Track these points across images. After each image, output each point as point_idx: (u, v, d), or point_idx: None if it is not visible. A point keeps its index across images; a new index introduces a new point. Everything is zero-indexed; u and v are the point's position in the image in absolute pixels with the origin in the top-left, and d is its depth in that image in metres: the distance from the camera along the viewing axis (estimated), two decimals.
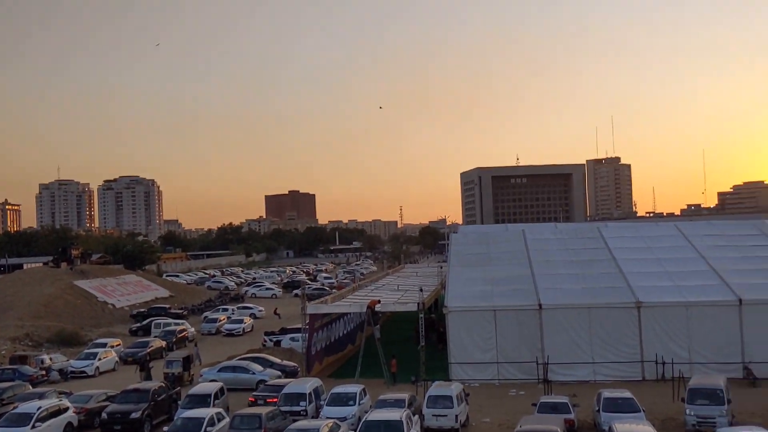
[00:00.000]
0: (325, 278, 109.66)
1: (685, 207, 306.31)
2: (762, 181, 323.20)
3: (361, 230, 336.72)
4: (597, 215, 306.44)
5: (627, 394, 28.18)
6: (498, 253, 48.64)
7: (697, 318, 38.31)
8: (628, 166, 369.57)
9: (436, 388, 30.08)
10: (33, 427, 27.75)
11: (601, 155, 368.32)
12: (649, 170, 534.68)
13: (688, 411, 27.41)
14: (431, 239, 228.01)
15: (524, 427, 22.27)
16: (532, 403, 29.50)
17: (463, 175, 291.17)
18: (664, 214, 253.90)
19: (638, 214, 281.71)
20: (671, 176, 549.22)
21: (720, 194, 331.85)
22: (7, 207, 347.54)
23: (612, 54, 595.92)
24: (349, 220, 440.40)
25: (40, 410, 28.54)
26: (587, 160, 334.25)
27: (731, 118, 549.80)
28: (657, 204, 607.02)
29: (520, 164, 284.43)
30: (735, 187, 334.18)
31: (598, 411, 27.50)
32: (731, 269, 42.03)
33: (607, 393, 28.55)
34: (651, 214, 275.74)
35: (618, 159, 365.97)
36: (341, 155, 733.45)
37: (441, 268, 70.03)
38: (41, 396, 32.99)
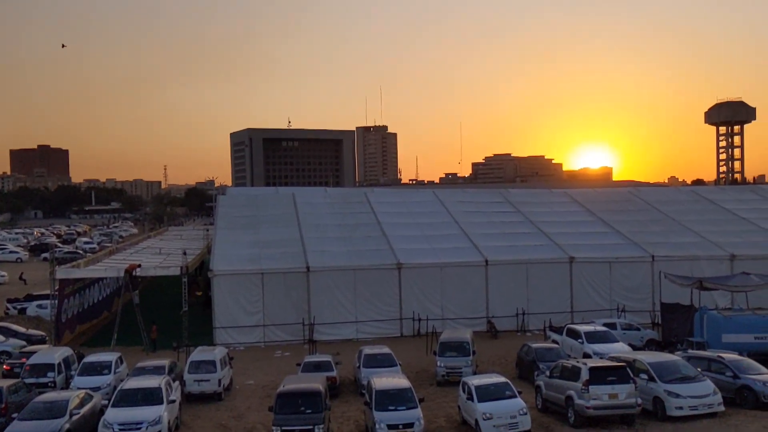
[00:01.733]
0: (85, 243, 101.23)
1: (444, 175, 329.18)
2: (509, 154, 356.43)
3: (121, 190, 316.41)
4: (365, 181, 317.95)
5: (385, 350, 29.75)
6: (267, 216, 48.54)
7: (450, 277, 41.48)
8: (395, 135, 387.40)
9: (199, 353, 29.44)
10: None
11: (370, 123, 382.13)
12: (413, 140, 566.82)
13: (438, 363, 29.67)
14: (198, 201, 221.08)
15: (286, 386, 22.57)
16: (296, 363, 30.04)
17: (233, 135, 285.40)
18: (426, 182, 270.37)
19: (402, 181, 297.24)
20: (432, 146, 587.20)
21: (474, 164, 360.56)
22: None
23: (383, 25, 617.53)
24: (107, 179, 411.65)
25: None
26: (357, 127, 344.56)
27: (485, 95, 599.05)
28: (419, 172, 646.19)
29: (292, 128, 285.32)
30: (486, 158, 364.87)
31: (359, 367, 28.74)
32: (480, 233, 46.00)
33: (367, 350, 29.92)
34: (414, 182, 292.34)
35: (385, 127, 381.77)
36: (98, 108, 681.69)
37: (207, 231, 68.33)
38: None
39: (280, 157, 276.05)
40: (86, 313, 44.86)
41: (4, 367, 31.11)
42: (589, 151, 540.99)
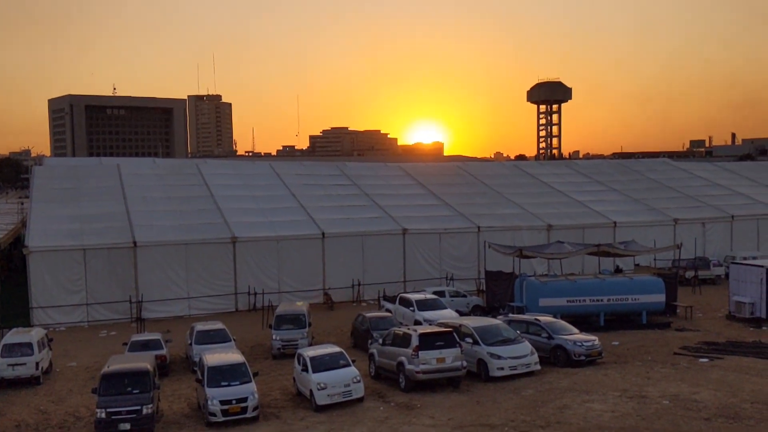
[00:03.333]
0: None
1: (281, 148, 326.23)
2: (346, 127, 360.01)
3: None
4: (198, 152, 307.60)
5: (219, 325, 29.16)
6: (89, 188, 45.64)
7: (287, 250, 41.34)
8: (230, 105, 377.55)
9: (13, 335, 27.27)
10: None
11: (203, 92, 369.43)
12: (250, 111, 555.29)
13: (274, 336, 29.57)
14: (12, 172, 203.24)
15: (111, 366, 21.50)
16: (123, 342, 28.71)
17: (52, 101, 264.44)
18: (262, 154, 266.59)
19: (238, 153, 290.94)
20: (269, 118, 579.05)
21: (311, 137, 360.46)
22: None
23: None
24: None
25: None
26: (188, 96, 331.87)
27: (322, 67, 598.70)
28: (256, 144, 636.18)
29: (118, 95, 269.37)
30: (324, 131, 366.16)
31: (191, 344, 27.97)
32: (317, 206, 46.18)
33: (199, 326, 29.18)
34: (250, 154, 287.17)
35: (219, 97, 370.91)
36: None
37: (22, 204, 63.11)
38: None
39: (104, 126, 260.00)
40: None
41: None
42: (422, 127, 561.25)
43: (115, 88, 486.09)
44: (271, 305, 35.78)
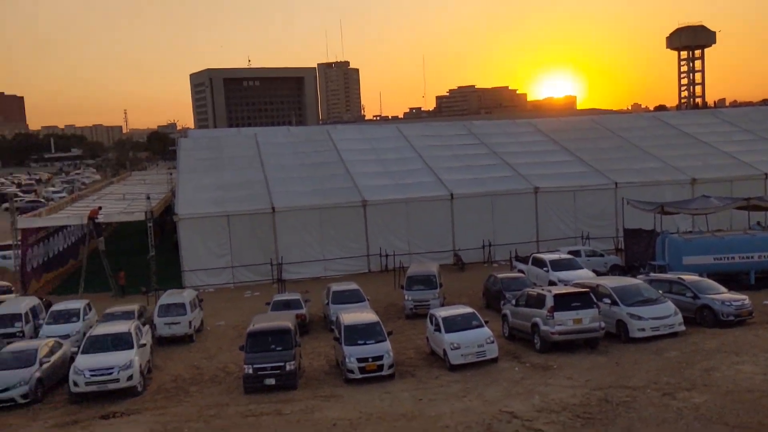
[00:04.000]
0: (54, 192, 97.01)
1: (408, 110, 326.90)
2: (473, 86, 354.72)
3: (81, 136, 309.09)
4: (329, 118, 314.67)
5: (353, 286, 30.00)
6: (230, 158, 47.92)
7: (416, 212, 41.65)
8: (357, 71, 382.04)
9: (168, 296, 29.40)
10: None
11: (331, 59, 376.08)
12: (376, 75, 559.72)
13: (406, 296, 30.05)
14: (161, 145, 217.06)
15: (256, 325, 22.72)
16: (266, 302, 30.19)
17: (193, 76, 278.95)
18: (390, 118, 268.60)
19: (366, 118, 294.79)
20: (396, 81, 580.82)
21: (438, 98, 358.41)
22: None
23: None
24: (66, 126, 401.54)
25: None
26: (318, 64, 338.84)
27: (447, 26, 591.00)
28: (383, 108, 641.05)
29: (252, 66, 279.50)
30: (450, 91, 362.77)
31: (328, 304, 29.00)
32: (444, 167, 46.04)
33: (335, 287, 30.15)
34: (378, 117, 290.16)
35: (347, 63, 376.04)
36: (53, 52, 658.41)
37: (171, 175, 67.38)
38: None
39: (241, 98, 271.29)
40: (52, 262, 44.29)
41: None
42: (553, 81, 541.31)
43: (249, 60, 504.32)
44: (402, 266, 36.30)
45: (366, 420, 18.07)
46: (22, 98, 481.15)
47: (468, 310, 24.07)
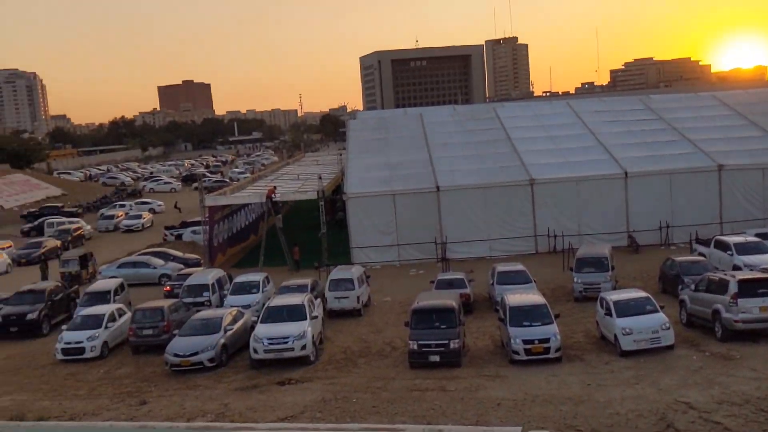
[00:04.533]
0: (239, 173, 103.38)
1: (580, 85, 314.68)
2: (651, 58, 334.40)
3: (261, 120, 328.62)
4: (496, 96, 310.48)
5: (519, 267, 29.58)
6: (396, 138, 48.78)
7: (587, 191, 40.15)
8: (526, 46, 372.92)
9: (338, 271, 30.63)
10: None
11: (499, 35, 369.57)
12: (546, 50, 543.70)
13: (575, 279, 29.15)
14: (332, 127, 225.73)
15: (420, 302, 23.11)
16: (430, 280, 30.58)
17: (363, 59, 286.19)
18: (560, 94, 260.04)
19: (535, 94, 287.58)
20: (567, 55, 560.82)
21: (612, 72, 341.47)
22: None
23: None
24: (247, 110, 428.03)
25: None
26: (486, 41, 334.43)
27: None
28: (553, 84, 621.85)
29: (420, 47, 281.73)
30: (626, 64, 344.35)
31: (493, 284, 28.82)
32: (618, 143, 43.91)
33: (500, 267, 29.89)
34: (547, 94, 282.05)
35: (515, 39, 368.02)
36: (236, 42, 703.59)
37: (341, 155, 69.89)
38: None
39: (408, 78, 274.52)
40: (235, 237, 47.74)
41: (165, 288, 33.89)
42: (740, 50, 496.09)
43: (417, 41, 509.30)
44: (571, 248, 35.23)
45: (531, 401, 17.87)
46: (209, 86, 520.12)
47: (642, 294, 22.97)
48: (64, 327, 27.32)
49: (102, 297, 30.33)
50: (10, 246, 50.27)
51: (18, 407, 20.13)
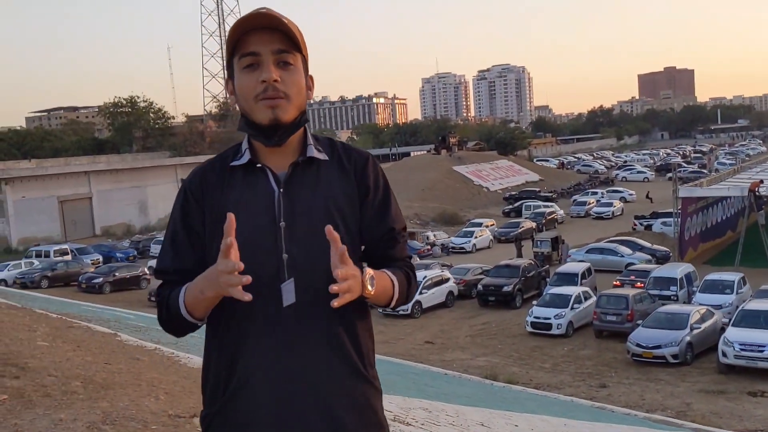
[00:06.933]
0: (719, 163, 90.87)
1: None
2: None
3: (749, 107, 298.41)
4: None
5: None
6: None
7: None
8: None
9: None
10: None
11: None
12: None
13: None
14: None
15: None
16: None
17: None
18: None
19: None
20: None
21: None
22: (395, 101, 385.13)
23: None
24: (733, 96, 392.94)
25: (425, 279, 32.23)
26: None
27: None
28: None
29: None
30: None
31: None
32: None
33: None
34: None
35: None
36: (722, 24, 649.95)
37: None
38: (427, 267, 37.22)
39: None
40: (709, 232, 44.80)
41: (615, 282, 32.92)
42: None
43: None
44: None
45: None
46: (692, 71, 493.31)
47: None
48: (534, 302, 29.47)
49: (570, 278, 31.74)
50: (493, 224, 56.06)
51: (492, 368, 22.54)
